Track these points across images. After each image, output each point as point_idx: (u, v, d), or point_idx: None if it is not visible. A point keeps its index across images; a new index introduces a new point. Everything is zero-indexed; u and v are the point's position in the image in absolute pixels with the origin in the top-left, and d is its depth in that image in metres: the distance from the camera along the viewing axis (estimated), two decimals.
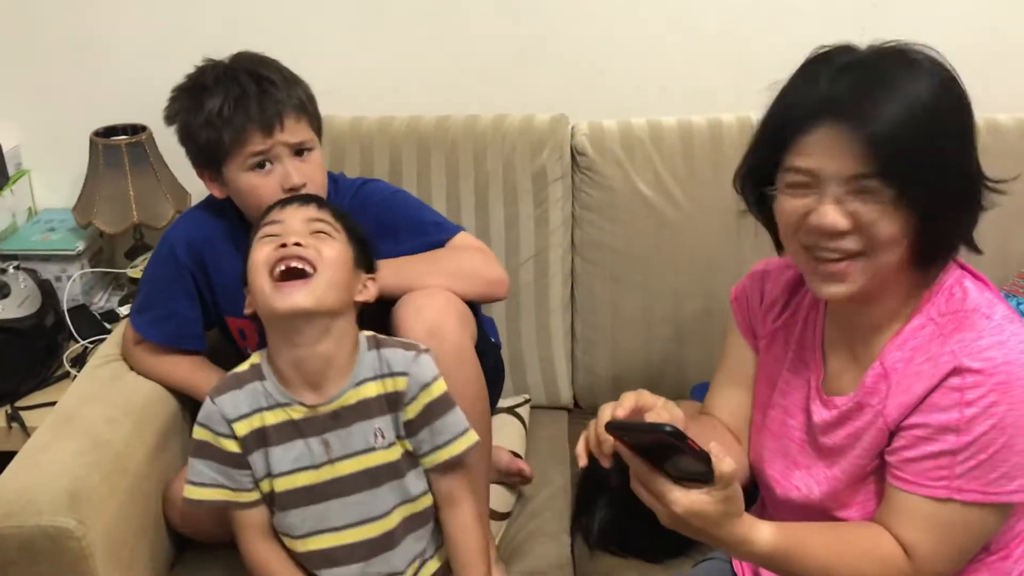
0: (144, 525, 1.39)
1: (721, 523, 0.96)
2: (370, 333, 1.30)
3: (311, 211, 1.27)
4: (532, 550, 1.48)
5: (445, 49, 1.91)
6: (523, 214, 1.76)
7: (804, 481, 1.16)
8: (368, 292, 1.30)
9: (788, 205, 1.04)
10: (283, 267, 1.20)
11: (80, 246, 1.94)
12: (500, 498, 1.54)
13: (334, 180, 1.54)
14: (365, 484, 1.26)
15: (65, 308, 1.88)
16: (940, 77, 1.00)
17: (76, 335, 1.85)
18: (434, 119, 1.80)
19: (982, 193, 1.04)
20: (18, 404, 1.70)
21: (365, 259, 1.32)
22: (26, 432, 1.63)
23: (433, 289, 1.36)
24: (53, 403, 1.50)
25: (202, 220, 1.52)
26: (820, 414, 1.14)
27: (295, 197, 1.32)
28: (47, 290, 1.83)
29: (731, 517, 0.97)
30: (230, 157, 1.39)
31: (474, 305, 1.67)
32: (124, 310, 1.90)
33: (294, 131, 1.40)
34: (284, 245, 1.21)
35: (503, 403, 1.74)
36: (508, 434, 1.66)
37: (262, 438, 1.26)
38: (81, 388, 1.50)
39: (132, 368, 1.54)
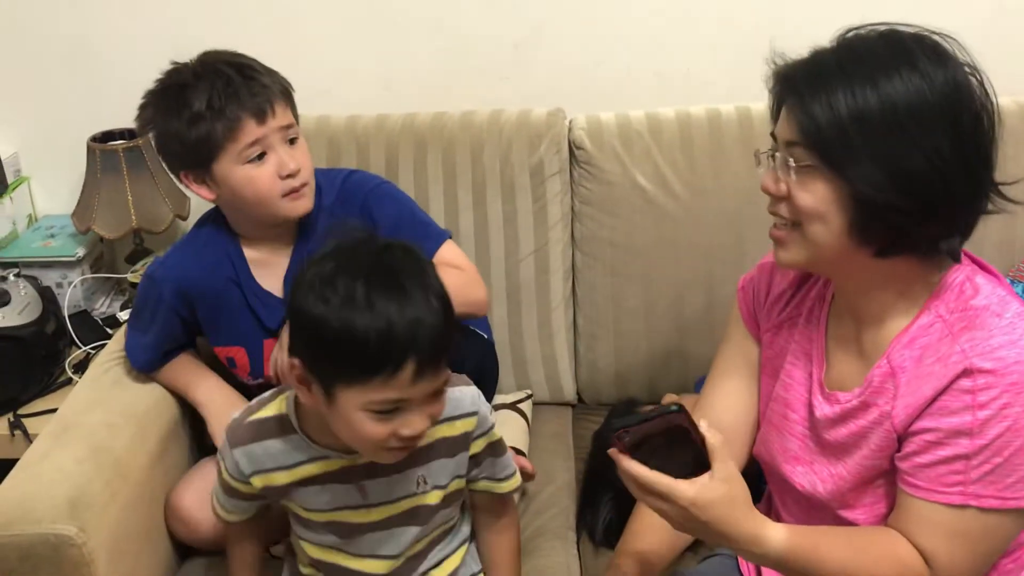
0: (146, 532, 1.38)
1: (730, 508, 0.96)
2: None
3: (439, 379, 1.04)
4: (539, 547, 1.47)
5: (439, 45, 1.90)
6: (521, 210, 1.75)
7: (807, 477, 1.15)
8: None
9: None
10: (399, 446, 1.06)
11: (80, 252, 1.94)
12: None
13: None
14: (397, 523, 1.19)
15: (66, 314, 1.88)
16: (930, 81, 0.97)
17: (78, 341, 1.85)
18: (430, 116, 1.79)
19: (961, 196, 1.00)
20: (20, 411, 1.70)
21: None
22: (28, 439, 1.63)
23: None
24: (55, 410, 1.50)
25: (188, 262, 1.49)
26: (822, 409, 1.13)
27: (424, 365, 1.00)
28: (48, 297, 1.83)
29: (738, 504, 0.96)
30: (222, 152, 1.35)
31: None
32: (125, 315, 1.89)
33: (284, 116, 1.39)
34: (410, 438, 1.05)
35: (505, 399, 1.74)
36: (510, 430, 1.65)
37: (285, 490, 1.17)
38: (82, 394, 1.50)
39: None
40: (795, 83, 1.01)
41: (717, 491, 0.95)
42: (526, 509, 1.55)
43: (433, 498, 1.19)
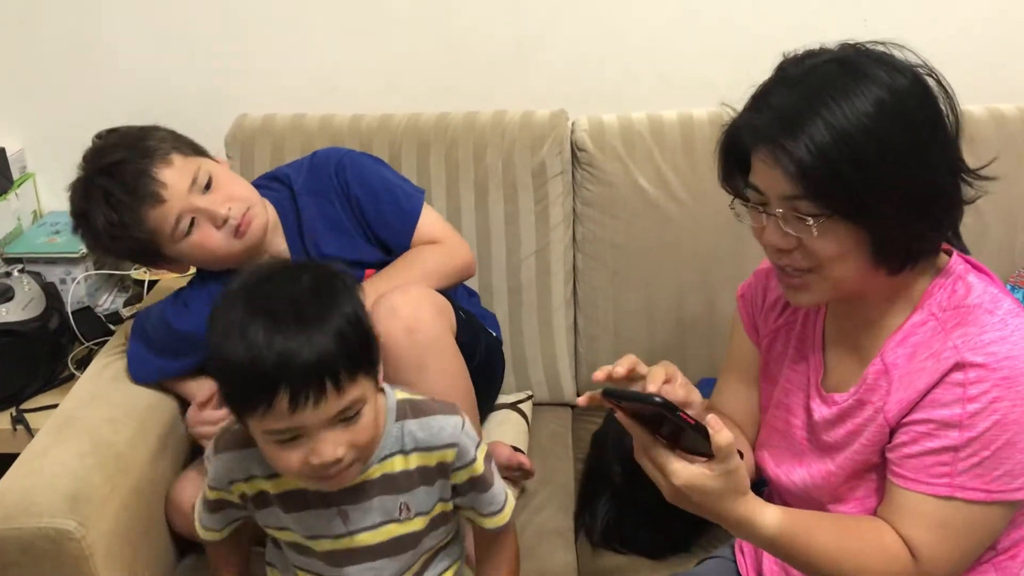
0: (146, 527, 1.39)
1: (723, 498, 0.96)
2: (402, 397, 1.14)
3: (331, 407, 0.97)
4: (537, 547, 1.47)
5: (443, 46, 1.91)
6: (523, 210, 1.75)
7: (801, 475, 1.16)
8: (382, 372, 1.09)
9: (752, 221, 1.06)
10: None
11: (84, 248, 1.94)
12: None
13: (278, 179, 1.53)
14: (384, 552, 1.16)
15: (70, 310, 1.88)
16: (895, 89, 0.96)
17: (81, 337, 1.86)
18: (433, 116, 1.80)
19: (952, 193, 1.00)
20: (23, 406, 1.71)
21: (373, 360, 1.05)
22: (30, 434, 1.63)
23: (405, 286, 1.36)
24: (57, 405, 1.50)
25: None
26: (820, 411, 1.13)
27: (298, 395, 0.94)
28: (51, 293, 1.84)
29: (733, 494, 0.96)
30: (158, 244, 1.39)
31: (471, 299, 1.66)
32: (128, 311, 1.90)
33: (177, 175, 1.36)
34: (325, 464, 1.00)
35: (505, 399, 1.74)
36: (510, 429, 1.66)
37: (265, 500, 1.14)
38: (83, 390, 1.50)
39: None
40: (765, 131, 0.98)
41: (711, 483, 0.95)
42: (525, 507, 1.55)
43: (417, 524, 1.16)
